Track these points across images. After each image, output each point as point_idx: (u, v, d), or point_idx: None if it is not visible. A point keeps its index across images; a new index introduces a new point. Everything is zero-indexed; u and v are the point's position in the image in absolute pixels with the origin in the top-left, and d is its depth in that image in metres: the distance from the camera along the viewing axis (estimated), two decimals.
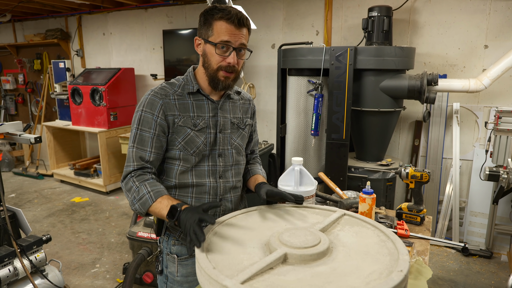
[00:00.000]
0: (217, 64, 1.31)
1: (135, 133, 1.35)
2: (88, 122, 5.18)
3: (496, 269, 3.19)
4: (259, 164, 1.67)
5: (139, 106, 1.36)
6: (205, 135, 1.38)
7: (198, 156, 1.38)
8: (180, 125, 1.35)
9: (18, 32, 6.51)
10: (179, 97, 1.37)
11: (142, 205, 1.27)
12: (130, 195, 1.30)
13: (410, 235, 1.61)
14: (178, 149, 1.36)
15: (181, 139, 1.35)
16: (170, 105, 1.35)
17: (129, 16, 5.33)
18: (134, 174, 1.32)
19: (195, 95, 1.39)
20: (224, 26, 1.27)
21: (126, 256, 3.41)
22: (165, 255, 1.48)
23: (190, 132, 1.35)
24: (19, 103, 6.82)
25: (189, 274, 1.44)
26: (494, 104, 3.40)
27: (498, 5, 3.26)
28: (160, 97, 1.35)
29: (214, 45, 1.29)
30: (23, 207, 4.60)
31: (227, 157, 1.44)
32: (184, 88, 1.39)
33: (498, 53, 3.30)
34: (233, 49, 1.29)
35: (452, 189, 3.53)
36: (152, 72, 5.25)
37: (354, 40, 3.84)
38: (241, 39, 1.30)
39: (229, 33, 1.28)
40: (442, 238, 3.58)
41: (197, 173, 1.40)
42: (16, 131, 2.61)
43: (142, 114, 1.34)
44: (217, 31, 1.28)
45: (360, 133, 3.32)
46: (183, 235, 1.18)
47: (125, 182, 1.33)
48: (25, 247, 2.29)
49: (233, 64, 1.30)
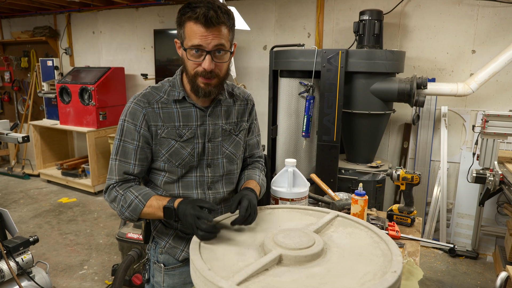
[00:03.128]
0: (193, 70, 1.19)
1: (117, 144, 1.27)
2: (77, 121, 5.11)
3: (482, 270, 3.25)
4: (260, 170, 1.51)
5: (122, 115, 1.28)
6: (192, 146, 1.29)
7: (184, 167, 1.30)
8: (163, 136, 1.26)
9: (5, 29, 6.40)
10: (163, 105, 1.27)
11: (133, 211, 1.22)
12: (117, 204, 1.24)
13: (401, 237, 1.63)
14: (163, 161, 1.29)
15: (165, 151, 1.27)
16: (153, 115, 1.25)
17: (119, 15, 5.28)
18: (116, 184, 1.27)
19: (182, 103, 1.28)
20: (193, 27, 1.13)
21: (115, 257, 3.37)
22: (152, 263, 1.44)
23: (174, 143, 1.27)
24: (5, 102, 6.68)
25: (176, 285, 1.40)
26: (481, 108, 3.47)
27: (486, 12, 3.33)
28: (143, 105, 1.25)
29: (185, 50, 1.17)
30: (8, 208, 4.51)
31: (217, 167, 1.35)
32: (169, 94, 1.28)
33: (485, 58, 3.37)
34: (207, 52, 1.15)
35: (439, 191, 3.59)
36: (143, 71, 5.20)
37: (345, 43, 3.87)
38: (215, 40, 1.14)
39: (199, 36, 1.13)
40: (430, 239, 3.63)
41: (184, 184, 1.32)
42: (3, 130, 2.56)
43: (125, 125, 1.26)
44: (187, 33, 1.15)
45: (350, 135, 3.34)
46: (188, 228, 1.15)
47: (108, 193, 1.27)
48: (12, 249, 2.24)
49: (209, 69, 1.17)
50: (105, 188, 1.29)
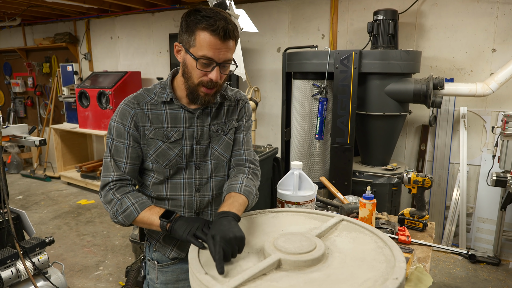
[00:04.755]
0: (198, 79, 1.20)
1: (110, 143, 1.28)
2: (95, 125, 5.22)
3: (504, 277, 3.12)
4: (244, 174, 1.35)
5: (113, 115, 1.30)
6: (180, 147, 1.30)
7: (172, 168, 1.31)
8: (150, 137, 1.28)
9: (28, 35, 6.61)
10: (152, 107, 1.29)
11: (127, 217, 1.22)
12: (111, 207, 1.25)
13: (412, 242, 1.58)
14: (151, 161, 1.30)
15: (152, 151, 1.29)
16: (142, 116, 1.27)
17: (136, 20, 5.38)
18: (114, 186, 1.26)
19: (170, 104, 1.30)
20: (208, 38, 1.14)
21: (129, 259, 3.42)
22: (147, 260, 1.47)
23: (161, 144, 1.28)
24: (28, 106, 6.91)
25: (169, 282, 1.41)
26: (502, 109, 3.34)
27: (506, 8, 3.22)
28: (133, 106, 1.28)
29: (196, 60, 1.17)
30: (30, 209, 4.65)
31: (205, 169, 1.35)
32: (159, 96, 1.30)
33: (506, 56, 3.25)
34: (217, 64, 1.18)
35: (459, 195, 3.47)
36: (159, 75, 5.28)
37: (360, 43, 3.81)
38: (226, 54, 1.18)
39: (213, 48, 1.15)
40: (449, 244, 3.52)
41: (172, 185, 1.33)
42: (22, 133, 2.64)
43: (115, 125, 1.28)
44: (199, 43, 1.15)
45: (365, 137, 3.28)
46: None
47: (104, 193, 1.27)
48: (28, 249, 2.30)
49: (216, 80, 1.20)
50: (102, 186, 1.28)
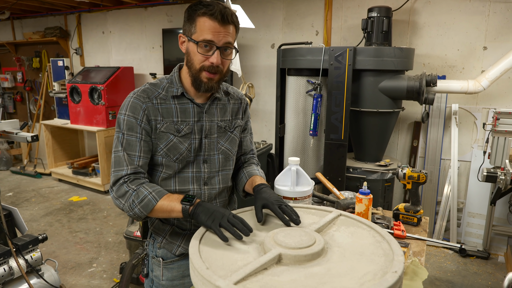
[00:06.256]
0: (200, 63, 1.23)
1: (121, 137, 1.26)
2: (87, 121, 5.17)
3: (493, 270, 3.19)
4: (256, 165, 1.55)
5: (122, 109, 1.28)
6: (190, 141, 1.32)
7: (181, 162, 1.32)
8: (162, 131, 1.28)
9: (17, 30, 6.50)
10: (162, 101, 1.29)
11: (144, 207, 1.20)
12: (126, 200, 1.22)
13: (407, 236, 1.61)
14: (161, 156, 1.30)
15: (163, 145, 1.29)
16: (153, 109, 1.28)
17: (128, 14, 5.32)
18: (128, 179, 1.24)
19: (180, 99, 1.31)
20: (207, 23, 1.19)
21: (123, 255, 3.40)
22: (150, 258, 1.46)
23: (173, 138, 1.29)
24: (17, 101, 6.80)
25: (175, 278, 1.41)
26: (493, 106, 3.40)
27: (498, 7, 3.26)
28: (143, 100, 1.27)
29: (196, 43, 1.21)
30: (20, 206, 4.59)
31: (213, 163, 1.37)
32: (168, 90, 1.31)
33: (497, 54, 3.30)
34: (217, 48, 1.21)
35: (450, 190, 3.53)
36: (152, 71, 5.24)
37: (353, 40, 3.83)
38: (226, 37, 1.21)
39: (213, 31, 1.19)
40: (440, 239, 3.57)
41: (180, 179, 1.34)
42: (13, 129, 2.60)
43: (125, 118, 1.26)
44: (200, 28, 1.20)
45: (359, 134, 3.31)
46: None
47: (116, 187, 1.24)
48: (21, 246, 2.27)
49: (217, 64, 1.22)
50: (114, 181, 1.25)
